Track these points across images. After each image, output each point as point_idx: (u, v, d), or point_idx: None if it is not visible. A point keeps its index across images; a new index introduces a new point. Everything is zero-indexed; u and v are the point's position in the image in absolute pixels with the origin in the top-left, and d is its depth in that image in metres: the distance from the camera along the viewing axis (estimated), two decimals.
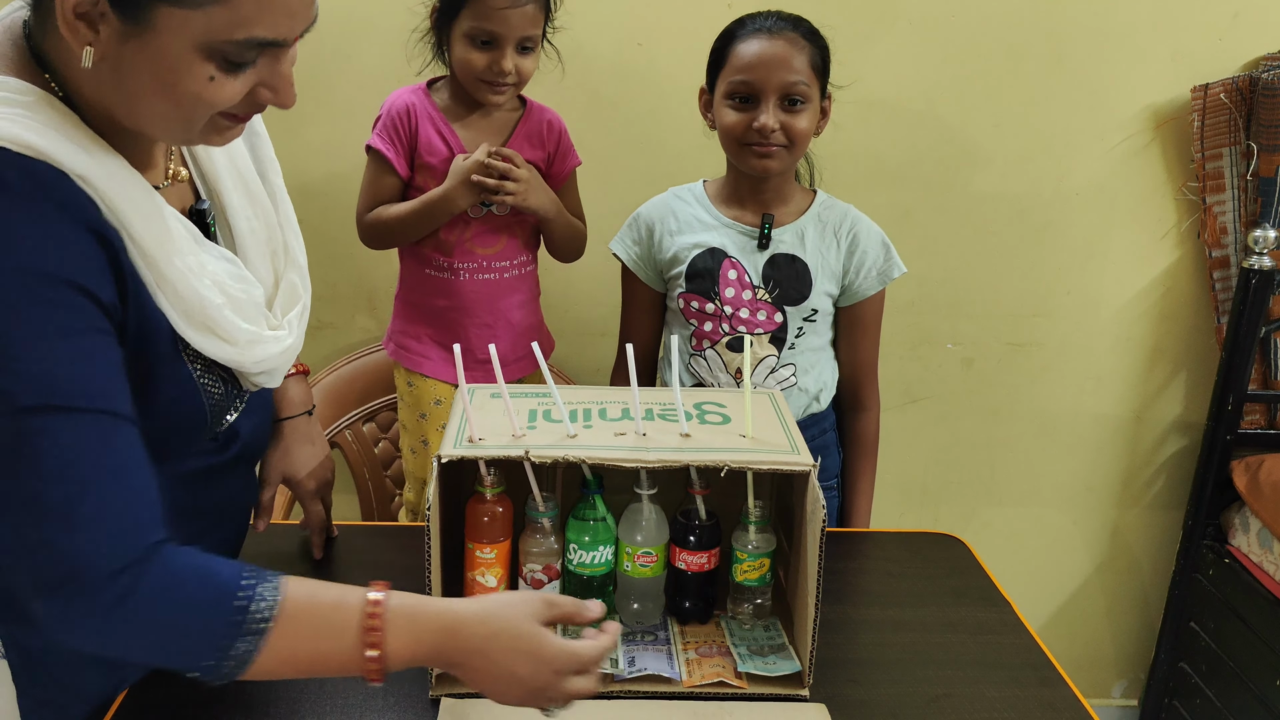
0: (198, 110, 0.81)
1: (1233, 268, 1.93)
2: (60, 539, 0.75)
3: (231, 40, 0.77)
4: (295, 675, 0.84)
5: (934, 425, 2.07)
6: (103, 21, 0.76)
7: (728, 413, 1.11)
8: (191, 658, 0.80)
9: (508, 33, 1.41)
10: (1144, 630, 2.24)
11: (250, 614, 0.79)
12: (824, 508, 0.97)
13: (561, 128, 1.59)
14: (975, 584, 1.26)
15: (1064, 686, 1.06)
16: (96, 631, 0.77)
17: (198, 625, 0.79)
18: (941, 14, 1.82)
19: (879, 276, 1.48)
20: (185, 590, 0.79)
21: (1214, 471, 1.96)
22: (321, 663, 0.83)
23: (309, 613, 0.82)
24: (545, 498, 1.07)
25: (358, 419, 1.87)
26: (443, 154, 1.50)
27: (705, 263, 1.46)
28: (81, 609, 0.76)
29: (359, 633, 0.81)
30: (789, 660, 1.04)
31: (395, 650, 0.82)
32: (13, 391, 0.74)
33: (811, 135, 1.41)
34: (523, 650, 0.84)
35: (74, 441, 0.76)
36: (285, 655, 0.80)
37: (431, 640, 0.83)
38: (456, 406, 1.10)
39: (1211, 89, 1.84)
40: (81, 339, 0.78)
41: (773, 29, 1.37)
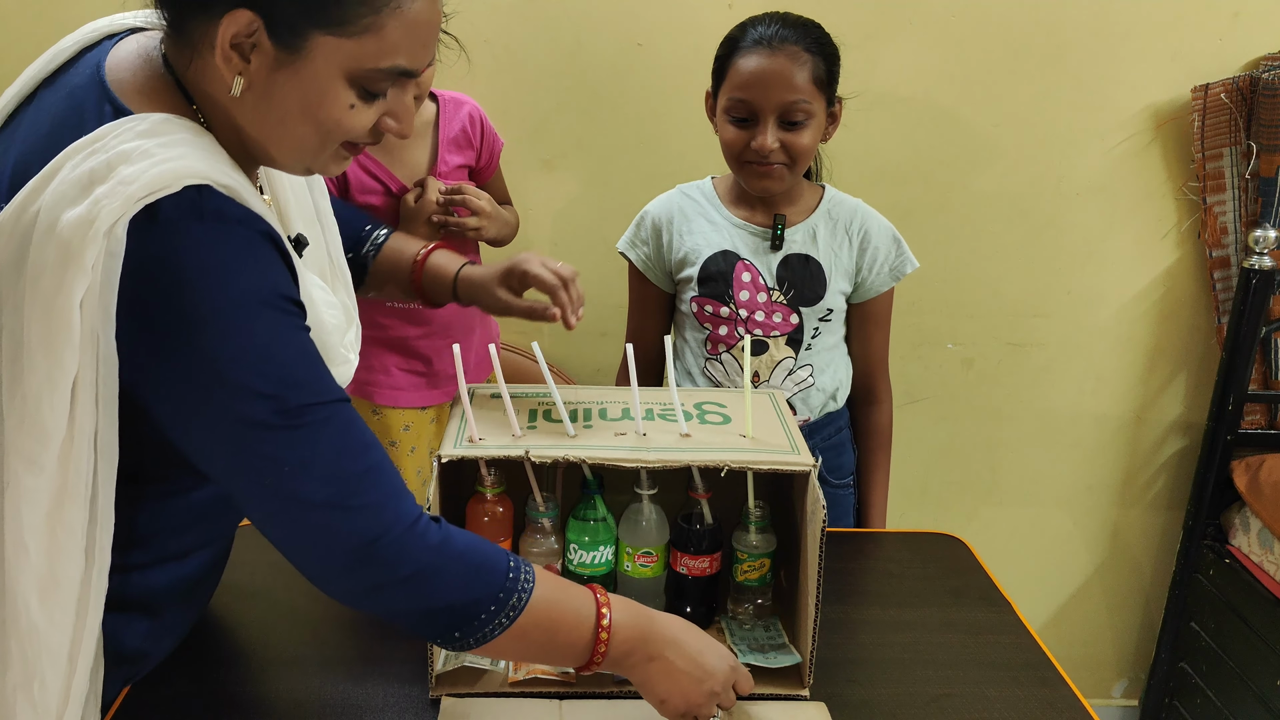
0: (333, 137, 0.84)
1: (1233, 268, 1.93)
2: (362, 511, 0.82)
3: (377, 68, 0.81)
4: (516, 659, 0.96)
5: (934, 425, 2.07)
6: (255, 51, 0.78)
7: (728, 413, 1.11)
8: (461, 619, 0.85)
9: None
10: (1144, 630, 2.24)
11: (518, 587, 0.86)
12: (824, 508, 0.97)
13: (481, 116, 1.55)
14: (975, 584, 1.26)
15: (1064, 686, 1.06)
16: (404, 581, 0.83)
17: (477, 587, 0.85)
18: (942, 14, 1.82)
19: (891, 272, 1.46)
20: (470, 551, 0.87)
21: (1214, 471, 1.96)
22: (548, 651, 0.91)
23: (553, 605, 0.89)
24: (545, 498, 1.07)
25: None
26: (377, 189, 1.49)
27: (718, 265, 1.43)
28: (396, 560, 0.83)
29: (589, 648, 0.89)
30: (790, 654, 1.04)
31: (613, 648, 0.90)
32: (284, 394, 0.80)
33: (815, 148, 1.37)
34: (708, 646, 0.94)
35: (339, 427, 0.83)
36: (521, 638, 0.87)
37: (638, 640, 0.91)
38: (456, 406, 1.10)
39: (1212, 89, 1.84)
40: (310, 343, 0.85)
41: (774, 42, 1.31)
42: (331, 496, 0.81)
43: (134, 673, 1.00)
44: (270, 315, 0.80)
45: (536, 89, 1.80)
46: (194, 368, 0.78)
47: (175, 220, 0.76)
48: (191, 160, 0.78)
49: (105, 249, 0.74)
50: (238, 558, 1.24)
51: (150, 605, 0.98)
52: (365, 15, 0.78)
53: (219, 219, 0.78)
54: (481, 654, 0.89)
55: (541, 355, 1.08)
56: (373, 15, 0.78)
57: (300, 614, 1.13)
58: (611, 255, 1.57)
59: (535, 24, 1.80)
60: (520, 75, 1.77)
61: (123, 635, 0.96)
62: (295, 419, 0.80)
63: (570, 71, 1.83)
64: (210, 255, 0.77)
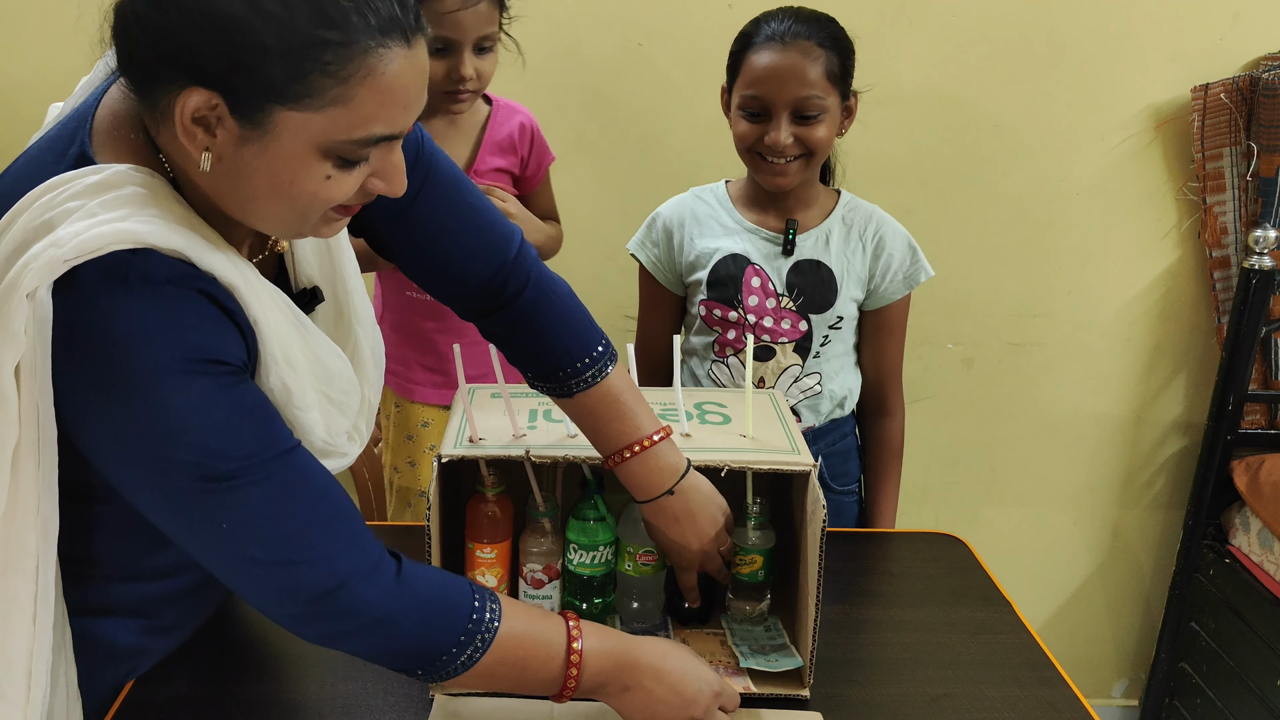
0: (313, 208, 0.80)
1: (1233, 268, 1.93)
2: (303, 570, 0.80)
3: (350, 140, 0.76)
4: (484, 689, 0.92)
5: (934, 425, 2.07)
6: (219, 126, 0.75)
7: (728, 413, 1.11)
8: (424, 659, 0.85)
9: (463, 37, 1.36)
10: (1144, 630, 2.24)
11: (481, 628, 0.85)
12: (824, 507, 0.97)
13: (533, 126, 1.54)
14: (975, 584, 1.26)
15: (1064, 686, 1.06)
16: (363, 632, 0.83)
17: (438, 628, 0.84)
18: (942, 14, 1.82)
19: (905, 280, 1.44)
20: (430, 591, 0.85)
21: (1214, 471, 1.96)
22: (515, 683, 0.90)
23: (521, 640, 0.87)
24: (545, 497, 1.07)
25: None
26: None
27: (728, 269, 1.42)
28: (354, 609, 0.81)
29: (559, 678, 0.88)
30: (791, 657, 1.04)
31: (585, 679, 0.89)
32: (203, 465, 0.76)
33: (831, 142, 1.37)
34: (690, 671, 0.92)
35: (277, 487, 0.80)
36: (487, 674, 0.87)
37: (612, 671, 0.90)
38: (456, 407, 1.10)
39: (1212, 89, 1.84)
40: (245, 397, 0.80)
41: (787, 37, 1.31)
42: (276, 554, 0.79)
43: (134, 668, 1.01)
44: (191, 382, 0.76)
45: (536, 89, 1.79)
46: (120, 436, 0.76)
47: (94, 286, 0.73)
48: (132, 222, 0.74)
49: (32, 314, 0.72)
50: None
51: (144, 610, 0.98)
52: (331, 88, 0.73)
53: (145, 282, 0.74)
54: (448, 688, 0.88)
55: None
56: (339, 87, 0.73)
57: None
58: (612, 255, 1.57)
59: (535, 24, 1.80)
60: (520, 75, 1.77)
61: (117, 634, 0.96)
62: (223, 483, 0.77)
63: (570, 71, 1.83)
64: (125, 323, 0.74)
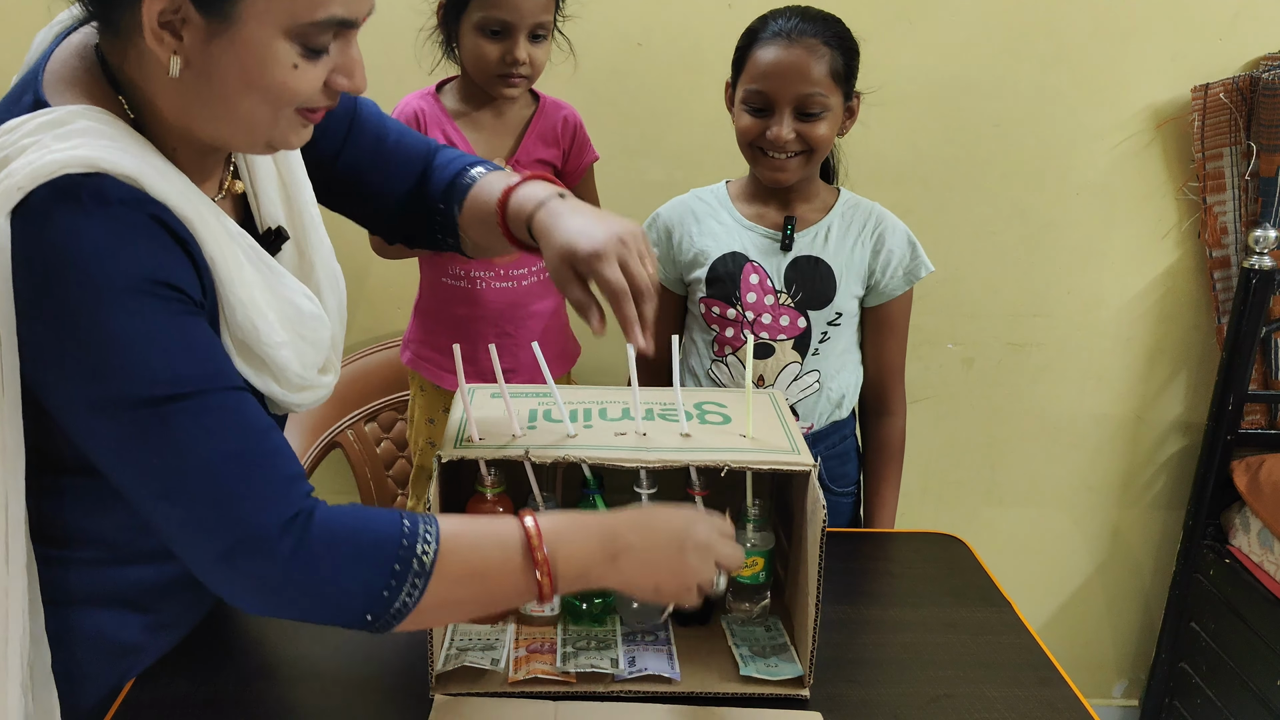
0: (283, 101, 0.82)
1: (1233, 268, 1.93)
2: (227, 509, 0.79)
3: (313, 21, 0.78)
4: (457, 618, 0.91)
5: (934, 425, 2.07)
6: (185, 27, 0.77)
7: (728, 413, 1.11)
8: (361, 605, 0.83)
9: (519, 20, 1.40)
10: (1144, 630, 2.24)
11: (416, 557, 0.82)
12: (824, 507, 0.97)
13: (577, 122, 1.56)
14: (975, 584, 1.26)
15: (1064, 686, 1.06)
16: (276, 589, 0.81)
17: (365, 571, 0.82)
18: (942, 13, 1.82)
19: (905, 276, 1.44)
20: (350, 537, 0.82)
21: (1214, 471, 1.96)
22: (486, 601, 0.88)
23: (470, 554, 0.85)
24: (545, 498, 1.07)
25: (359, 419, 1.87)
26: None
27: (726, 267, 1.43)
28: (260, 569, 0.80)
29: (524, 562, 0.85)
30: (790, 663, 1.04)
31: (563, 570, 0.86)
32: (143, 387, 0.77)
33: (831, 140, 1.38)
34: (666, 511, 0.93)
35: (214, 420, 0.80)
36: (447, 598, 0.84)
37: (595, 546, 0.88)
38: (456, 406, 1.10)
39: (1212, 89, 1.84)
40: (192, 328, 0.81)
41: (793, 34, 1.32)
42: (204, 490, 0.79)
43: (134, 665, 1.01)
44: (139, 302, 0.77)
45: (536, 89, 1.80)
46: (65, 357, 0.78)
47: (46, 206, 0.75)
48: (85, 149, 0.77)
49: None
50: None
51: (140, 602, 0.98)
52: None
53: (99, 202, 0.76)
54: (418, 626, 0.85)
55: (541, 355, 1.08)
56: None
57: None
58: None
59: None
60: None
61: (115, 629, 0.96)
62: (160, 408, 0.78)
63: (570, 71, 1.83)
64: (75, 241, 0.76)
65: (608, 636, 1.08)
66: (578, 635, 1.08)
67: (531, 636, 1.08)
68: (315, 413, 1.84)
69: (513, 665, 1.03)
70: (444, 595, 0.84)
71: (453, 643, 1.06)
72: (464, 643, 1.06)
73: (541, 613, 1.10)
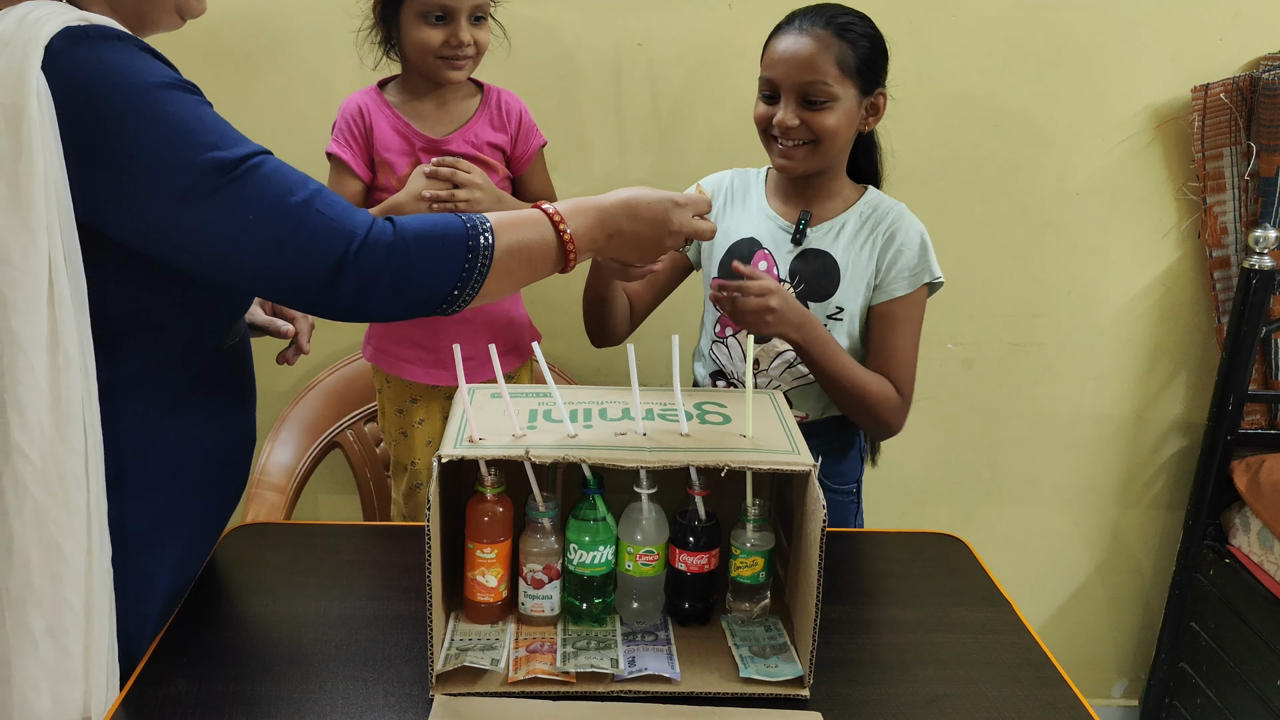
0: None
1: (1233, 268, 1.93)
2: (331, 228, 0.94)
3: None
4: (511, 288, 1.06)
5: (934, 425, 2.07)
6: None
7: (728, 413, 1.11)
8: (447, 286, 1.00)
9: (459, 4, 1.43)
10: (1144, 630, 2.24)
11: (481, 232, 1.01)
12: (824, 507, 0.97)
13: (521, 108, 1.58)
14: (975, 584, 1.26)
15: (1064, 686, 1.06)
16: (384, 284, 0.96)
17: (448, 255, 0.99)
18: (942, 14, 1.82)
19: (910, 278, 1.44)
20: (430, 230, 0.99)
21: (1214, 471, 1.96)
22: (530, 272, 1.05)
23: (512, 227, 1.03)
24: (545, 498, 1.07)
25: (358, 419, 1.87)
26: (400, 147, 1.51)
27: (740, 252, 1.47)
28: (372, 266, 0.95)
29: (553, 230, 1.05)
30: (790, 664, 1.04)
31: (579, 233, 1.06)
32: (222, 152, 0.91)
33: (843, 132, 1.39)
34: (649, 194, 1.11)
35: (284, 172, 0.95)
36: (505, 270, 1.02)
37: (596, 225, 1.08)
38: (456, 406, 1.10)
39: (1212, 89, 1.84)
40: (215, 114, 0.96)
41: (805, 26, 1.36)
42: (299, 225, 0.93)
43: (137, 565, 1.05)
44: (177, 95, 0.91)
45: (537, 89, 1.79)
46: (132, 163, 0.89)
47: (66, 50, 0.88)
48: (70, 14, 0.91)
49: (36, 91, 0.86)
50: (238, 556, 1.25)
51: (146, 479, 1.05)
52: None
53: (103, 36, 0.90)
54: (485, 299, 1.03)
55: (541, 355, 1.08)
56: None
57: (300, 614, 1.14)
58: None
59: (535, 24, 1.80)
60: (520, 75, 1.77)
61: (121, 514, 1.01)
62: (236, 171, 0.91)
63: (570, 71, 1.83)
64: (101, 61, 0.89)
65: (608, 636, 1.08)
66: (578, 635, 1.08)
67: (531, 636, 1.08)
68: (315, 412, 1.85)
69: (513, 665, 1.03)
70: (504, 268, 1.02)
71: (453, 643, 1.06)
72: (464, 643, 1.06)
73: (542, 612, 1.10)
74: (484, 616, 1.09)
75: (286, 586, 1.20)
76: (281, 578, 1.22)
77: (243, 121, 0.94)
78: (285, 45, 1.78)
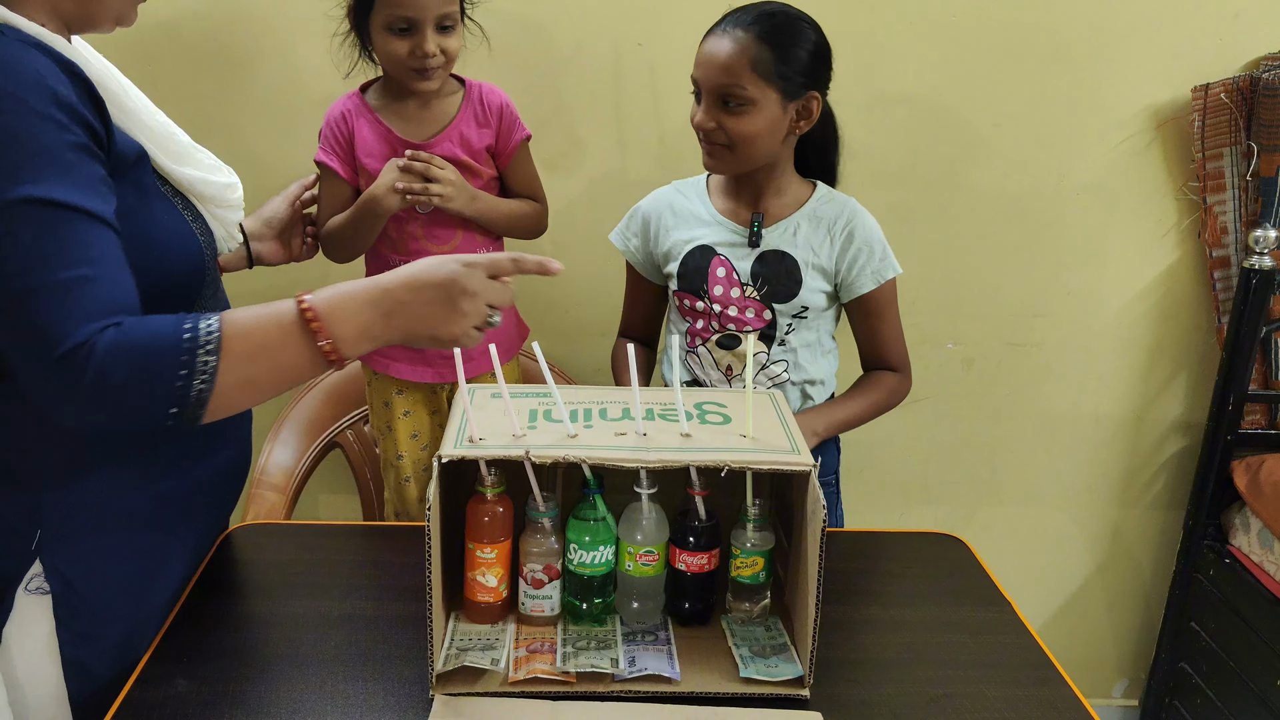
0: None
1: (1233, 268, 1.93)
2: (47, 316, 0.86)
3: None
4: (260, 396, 0.96)
5: (934, 425, 2.07)
6: None
7: (728, 413, 1.11)
8: (163, 402, 0.90)
9: (423, 15, 1.41)
10: (1144, 630, 2.24)
11: (200, 345, 0.90)
12: (824, 507, 0.97)
13: (503, 102, 1.56)
14: (975, 584, 1.26)
15: (1064, 686, 1.06)
16: (85, 398, 0.88)
17: (159, 367, 0.89)
18: (941, 13, 1.82)
19: (873, 275, 1.45)
20: (137, 343, 0.89)
21: (1214, 471, 1.96)
22: (281, 374, 0.95)
23: (252, 332, 0.93)
24: (545, 498, 1.07)
25: (359, 419, 1.87)
26: (381, 152, 1.50)
27: (695, 261, 1.46)
28: (68, 378, 0.87)
29: (304, 334, 0.94)
30: (791, 664, 1.04)
31: (343, 334, 0.95)
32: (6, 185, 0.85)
33: (761, 136, 1.36)
34: (445, 268, 0.99)
35: (46, 233, 0.87)
36: (242, 377, 0.92)
37: (369, 307, 0.97)
38: (456, 407, 1.10)
39: (1212, 89, 1.84)
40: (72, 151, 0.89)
41: (728, 28, 1.35)
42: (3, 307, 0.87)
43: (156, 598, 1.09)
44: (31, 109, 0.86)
45: (536, 89, 1.80)
46: None
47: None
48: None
49: None
50: (238, 556, 1.25)
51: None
52: None
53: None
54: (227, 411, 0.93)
55: (542, 355, 1.08)
56: None
57: (300, 614, 1.14)
58: (612, 255, 1.57)
59: (535, 24, 1.80)
60: (520, 75, 1.77)
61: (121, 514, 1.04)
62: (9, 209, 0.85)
63: (570, 71, 1.83)
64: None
65: (608, 636, 1.08)
66: (578, 635, 1.08)
67: (531, 636, 1.08)
68: (315, 412, 1.85)
69: (513, 665, 1.03)
70: (238, 374, 0.92)
71: (453, 643, 1.06)
72: (464, 643, 1.06)
73: (542, 612, 1.10)
74: (484, 616, 1.09)
75: (286, 586, 1.20)
76: (281, 578, 1.22)
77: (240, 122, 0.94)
78: (283, 46, 1.78)
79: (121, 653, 1.06)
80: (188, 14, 1.72)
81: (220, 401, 0.91)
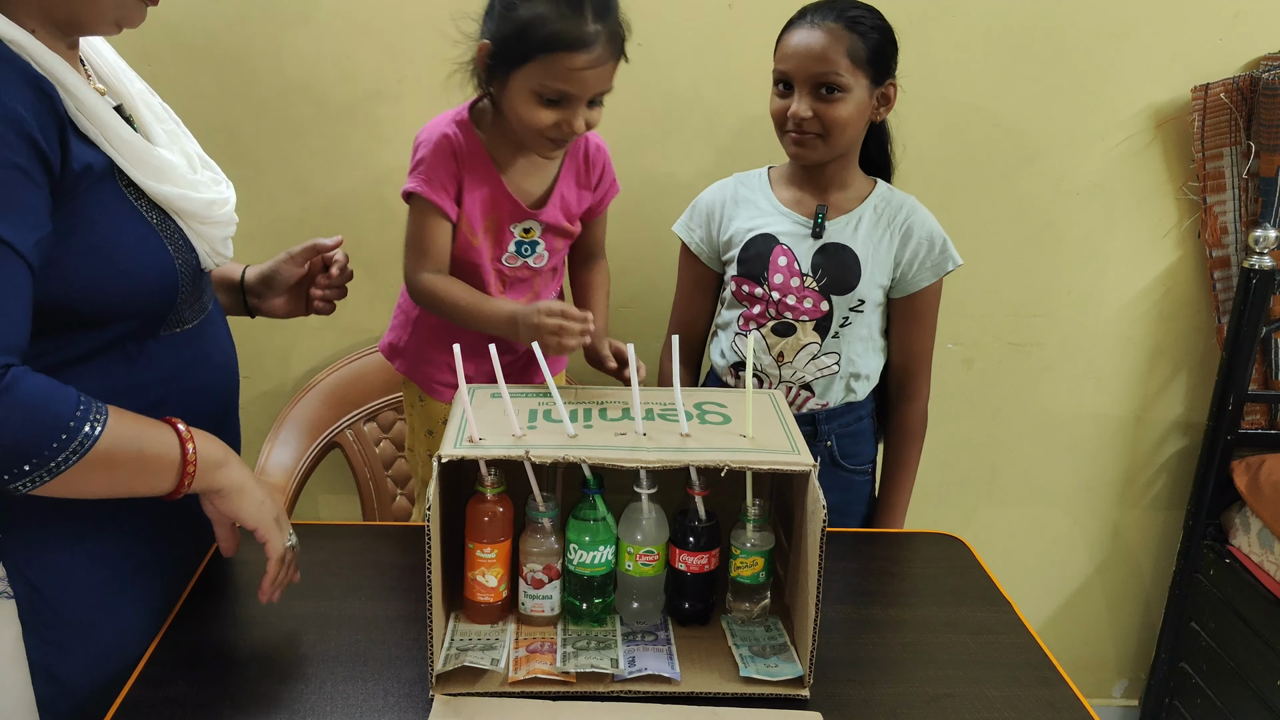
0: None
1: (1233, 267, 1.93)
2: None
3: None
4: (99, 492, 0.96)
5: (934, 425, 2.05)
6: None
7: (728, 413, 1.11)
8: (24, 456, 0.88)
9: (583, 93, 1.24)
10: (1144, 630, 2.24)
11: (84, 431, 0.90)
12: (824, 507, 0.97)
13: (606, 159, 1.43)
14: (975, 584, 1.26)
15: (1064, 686, 1.06)
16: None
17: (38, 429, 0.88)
18: (941, 15, 1.82)
19: (933, 269, 1.51)
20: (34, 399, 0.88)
21: (1214, 471, 1.96)
22: (128, 488, 0.97)
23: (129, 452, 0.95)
24: (545, 498, 1.07)
25: (359, 419, 1.87)
26: (484, 201, 1.33)
27: (758, 247, 1.50)
28: None
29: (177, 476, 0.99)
30: (790, 663, 1.04)
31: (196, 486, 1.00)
32: None
33: (854, 122, 1.43)
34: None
35: None
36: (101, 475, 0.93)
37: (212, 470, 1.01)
38: (456, 406, 1.10)
39: (1212, 89, 1.84)
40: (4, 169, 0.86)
41: (816, 19, 1.40)
42: None
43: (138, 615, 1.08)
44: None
45: None
46: None
47: None
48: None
49: None
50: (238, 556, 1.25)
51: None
52: None
53: None
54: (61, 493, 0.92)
55: (542, 355, 1.08)
56: None
57: (300, 614, 1.13)
58: (612, 255, 1.57)
59: None
60: None
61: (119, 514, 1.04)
62: None
63: None
64: None
65: (608, 636, 1.08)
66: (578, 635, 1.08)
67: (531, 636, 1.08)
68: (315, 412, 1.84)
69: (513, 665, 1.03)
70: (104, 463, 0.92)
71: (453, 643, 1.06)
72: (464, 643, 1.06)
73: (542, 612, 1.10)
74: (484, 616, 1.09)
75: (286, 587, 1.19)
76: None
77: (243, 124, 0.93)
78: (283, 46, 1.77)
79: (101, 662, 1.04)
80: (188, 14, 1.72)
81: (61, 484, 0.91)
